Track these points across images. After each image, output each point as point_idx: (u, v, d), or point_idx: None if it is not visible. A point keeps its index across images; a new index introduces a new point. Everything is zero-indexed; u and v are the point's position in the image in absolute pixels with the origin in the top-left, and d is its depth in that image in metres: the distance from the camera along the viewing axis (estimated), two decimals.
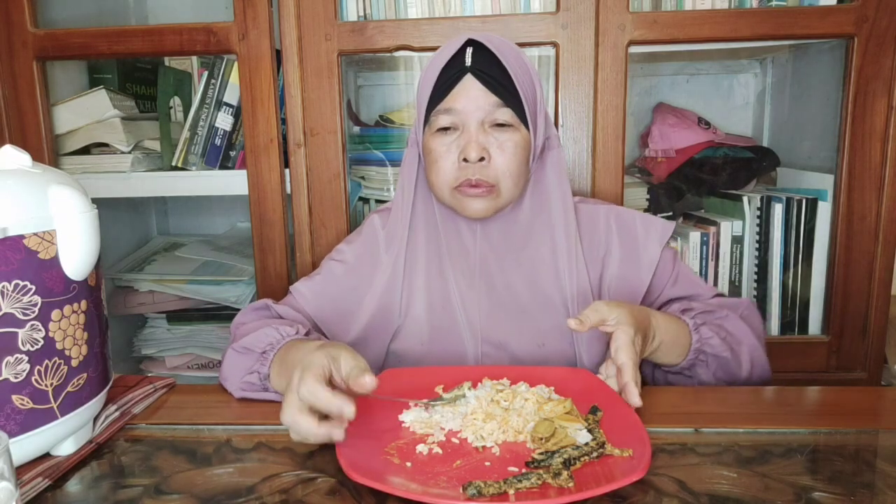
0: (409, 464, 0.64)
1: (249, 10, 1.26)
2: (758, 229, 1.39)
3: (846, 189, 1.26)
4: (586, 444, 0.65)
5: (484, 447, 0.68)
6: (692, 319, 0.89)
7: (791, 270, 1.38)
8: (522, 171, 0.93)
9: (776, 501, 0.59)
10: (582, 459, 0.63)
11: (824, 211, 1.33)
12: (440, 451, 0.67)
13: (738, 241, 1.40)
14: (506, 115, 0.90)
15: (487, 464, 0.64)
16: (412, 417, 0.73)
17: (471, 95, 0.89)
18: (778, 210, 1.36)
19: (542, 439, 0.67)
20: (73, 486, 0.66)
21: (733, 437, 0.72)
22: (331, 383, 0.68)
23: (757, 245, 1.39)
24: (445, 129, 0.91)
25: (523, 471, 0.62)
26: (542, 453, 0.64)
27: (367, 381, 0.65)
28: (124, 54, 1.34)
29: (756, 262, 1.40)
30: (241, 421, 0.77)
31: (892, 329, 1.34)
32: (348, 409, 0.64)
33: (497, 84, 0.89)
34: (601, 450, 0.65)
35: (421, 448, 0.67)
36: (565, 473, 0.60)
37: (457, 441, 0.69)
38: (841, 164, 1.26)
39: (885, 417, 0.78)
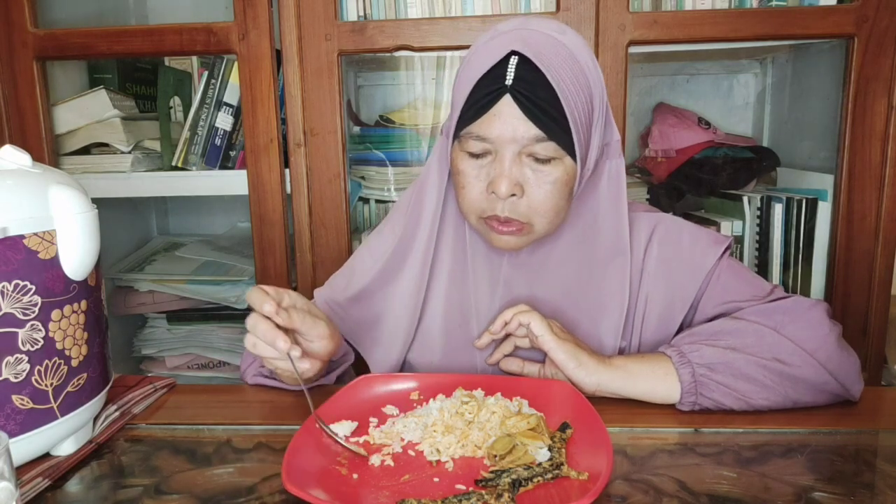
0: (355, 476, 0.63)
1: (249, 10, 1.26)
2: (758, 229, 1.39)
3: (846, 189, 1.26)
4: (540, 464, 0.62)
5: (439, 461, 0.65)
6: (674, 346, 0.79)
7: (791, 270, 1.38)
8: (562, 207, 0.80)
9: (776, 501, 0.59)
10: (535, 480, 0.60)
11: (824, 211, 1.33)
12: (392, 463, 0.65)
13: (738, 241, 1.40)
14: (548, 149, 0.76)
15: (436, 479, 0.62)
16: (371, 428, 0.71)
17: (507, 122, 0.75)
18: (778, 210, 1.36)
19: (496, 457, 0.64)
20: (73, 486, 0.66)
21: (733, 437, 0.72)
22: None
23: (757, 245, 1.39)
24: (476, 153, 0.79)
25: (469, 489, 0.59)
26: (492, 472, 0.62)
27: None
28: (124, 54, 1.34)
29: (756, 262, 1.40)
30: (241, 421, 0.77)
31: (892, 329, 1.34)
32: (266, 307, 0.71)
33: (541, 112, 0.74)
34: (556, 471, 0.61)
35: (374, 460, 0.65)
36: (507, 496, 0.57)
37: (413, 454, 0.67)
38: (841, 164, 1.26)
39: (885, 417, 0.78)
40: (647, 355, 0.81)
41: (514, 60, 0.75)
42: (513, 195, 0.77)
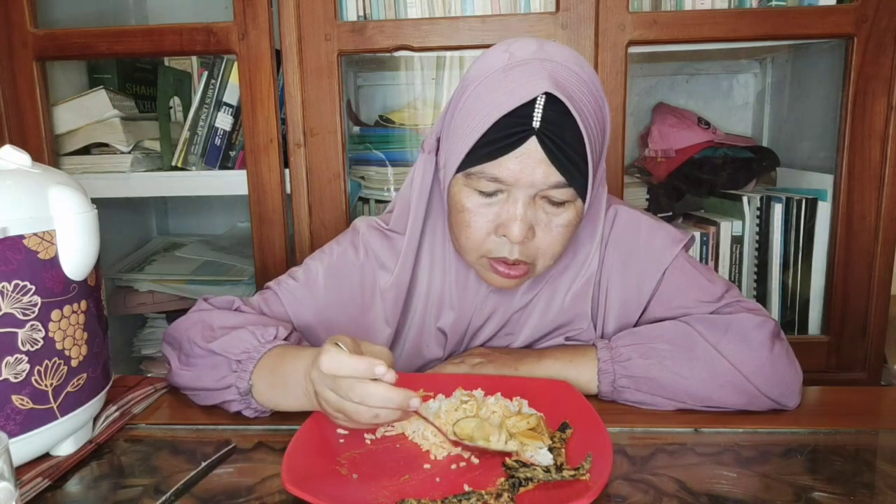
0: (355, 476, 0.63)
1: (249, 10, 1.26)
2: (757, 229, 1.39)
3: (846, 189, 1.26)
4: (545, 467, 0.62)
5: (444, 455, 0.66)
6: (607, 343, 0.81)
7: (791, 270, 1.38)
8: (566, 247, 0.78)
9: (776, 501, 0.59)
10: (535, 480, 0.60)
11: (824, 211, 1.33)
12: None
13: (737, 241, 1.40)
14: (566, 194, 0.73)
15: (438, 479, 0.62)
16: (383, 430, 0.71)
17: (527, 165, 0.71)
18: (778, 210, 1.36)
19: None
20: (73, 486, 0.66)
21: (733, 437, 0.72)
22: None
23: (757, 245, 1.39)
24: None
25: (469, 489, 0.60)
26: (516, 461, 0.62)
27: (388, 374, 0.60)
28: (124, 54, 1.34)
29: (756, 262, 1.40)
30: (241, 421, 0.77)
31: (892, 329, 1.34)
32: (378, 368, 0.59)
33: (565, 158, 0.71)
34: (560, 473, 0.61)
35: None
36: (506, 496, 0.58)
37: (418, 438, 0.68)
38: (840, 164, 1.26)
39: (885, 417, 0.78)
40: (577, 356, 0.81)
41: (541, 100, 0.70)
42: (525, 239, 0.74)
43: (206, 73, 1.40)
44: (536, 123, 0.70)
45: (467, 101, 0.75)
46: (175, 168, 1.43)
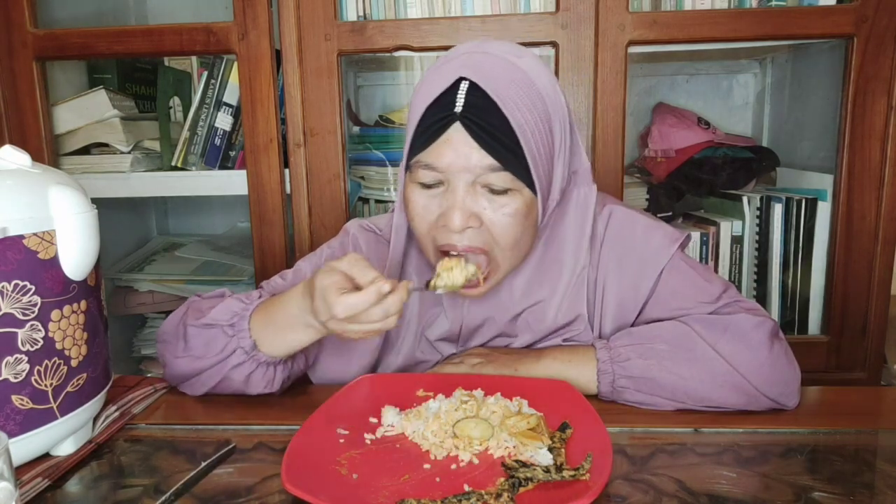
0: (355, 476, 0.63)
1: (249, 10, 1.26)
2: (757, 229, 1.39)
3: (846, 189, 1.26)
4: (545, 467, 0.61)
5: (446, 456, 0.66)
6: (606, 343, 0.80)
7: (791, 270, 1.38)
8: (523, 240, 0.77)
9: (776, 501, 0.59)
10: (534, 480, 0.60)
11: (824, 211, 1.33)
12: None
13: (737, 241, 1.40)
14: (504, 180, 0.72)
15: (438, 479, 0.62)
16: (383, 430, 0.72)
17: (459, 151, 0.71)
18: (777, 210, 1.36)
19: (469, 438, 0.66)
20: (73, 486, 0.66)
21: (733, 437, 0.72)
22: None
23: (756, 245, 1.39)
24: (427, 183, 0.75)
25: (469, 489, 0.60)
26: (516, 461, 0.63)
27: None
28: (124, 54, 1.34)
29: (756, 262, 1.40)
30: (241, 421, 0.77)
31: (892, 329, 1.34)
32: (384, 286, 0.66)
33: (494, 141, 0.71)
34: (560, 473, 0.61)
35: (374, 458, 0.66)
36: (506, 496, 0.58)
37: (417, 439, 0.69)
38: (840, 164, 1.26)
39: (885, 417, 0.78)
40: (576, 356, 0.81)
41: (464, 86, 0.71)
42: (470, 227, 0.74)
43: (205, 73, 1.40)
44: (458, 108, 0.71)
45: (410, 105, 0.78)
46: (175, 168, 1.43)
